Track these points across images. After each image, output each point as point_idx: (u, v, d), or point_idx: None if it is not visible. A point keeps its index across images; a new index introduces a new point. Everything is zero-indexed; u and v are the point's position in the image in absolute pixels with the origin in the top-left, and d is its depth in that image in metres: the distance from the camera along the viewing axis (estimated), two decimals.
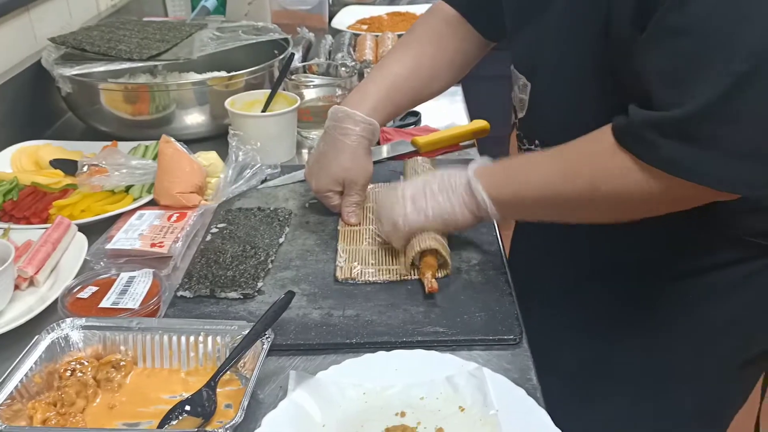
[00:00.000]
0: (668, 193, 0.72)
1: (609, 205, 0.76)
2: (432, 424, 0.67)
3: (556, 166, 0.79)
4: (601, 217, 0.80)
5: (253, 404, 0.71)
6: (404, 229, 0.87)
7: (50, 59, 1.30)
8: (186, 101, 1.27)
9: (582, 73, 0.81)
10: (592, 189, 0.75)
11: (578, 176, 0.76)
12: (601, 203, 0.76)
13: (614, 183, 0.74)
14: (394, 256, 0.92)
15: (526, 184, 0.81)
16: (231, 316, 0.83)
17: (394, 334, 0.79)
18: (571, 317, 0.97)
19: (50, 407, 0.68)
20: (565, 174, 0.78)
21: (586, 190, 0.76)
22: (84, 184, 1.05)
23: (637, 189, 0.72)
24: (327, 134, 0.99)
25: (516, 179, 0.83)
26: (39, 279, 0.88)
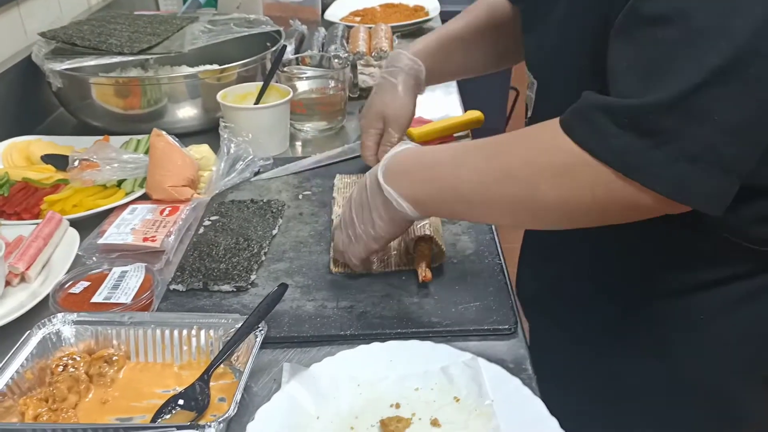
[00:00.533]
0: (612, 195, 0.63)
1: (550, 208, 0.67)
2: (427, 415, 0.67)
3: (492, 162, 0.70)
4: (546, 222, 0.73)
5: (247, 397, 0.70)
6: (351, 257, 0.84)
7: (40, 54, 1.29)
8: (178, 95, 1.26)
9: (581, 71, 0.78)
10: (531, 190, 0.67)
11: (517, 173, 0.68)
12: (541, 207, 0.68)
13: (556, 180, 0.65)
14: (388, 246, 0.92)
15: (453, 183, 0.72)
16: (224, 309, 0.82)
17: (389, 325, 0.78)
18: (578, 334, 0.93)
19: (42, 403, 0.68)
20: (502, 171, 0.69)
21: (524, 191, 0.68)
22: (75, 179, 1.04)
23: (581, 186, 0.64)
24: (379, 77, 1.06)
25: (440, 178, 0.74)
26: (30, 275, 0.87)
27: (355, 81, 1.44)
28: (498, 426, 0.64)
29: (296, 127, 1.31)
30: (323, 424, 0.66)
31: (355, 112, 1.38)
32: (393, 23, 1.85)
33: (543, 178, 0.66)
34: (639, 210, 0.65)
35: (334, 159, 1.19)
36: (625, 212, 0.66)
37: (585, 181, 0.64)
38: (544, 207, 0.68)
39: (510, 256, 0.92)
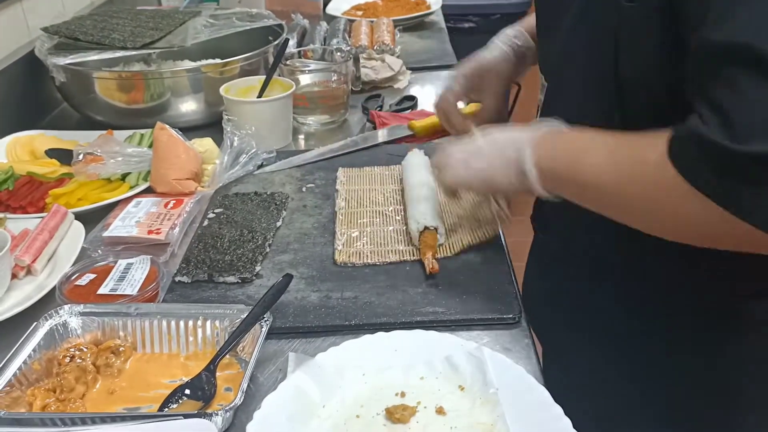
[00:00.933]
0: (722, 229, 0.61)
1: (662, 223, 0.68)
2: (432, 403, 0.67)
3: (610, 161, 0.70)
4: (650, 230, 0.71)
5: (253, 387, 0.71)
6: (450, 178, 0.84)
7: (43, 49, 1.29)
8: (181, 89, 1.26)
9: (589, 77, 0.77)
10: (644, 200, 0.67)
11: (630, 181, 0.68)
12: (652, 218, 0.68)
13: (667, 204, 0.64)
14: (392, 237, 0.92)
15: (576, 167, 0.72)
16: (229, 300, 0.83)
17: (393, 315, 0.78)
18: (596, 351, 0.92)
19: (50, 393, 0.68)
20: (618, 173, 0.69)
21: (637, 198, 0.68)
22: (80, 173, 1.04)
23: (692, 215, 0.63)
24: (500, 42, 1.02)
25: (568, 158, 0.74)
26: (36, 267, 0.88)
27: (357, 74, 1.44)
28: (503, 414, 0.64)
29: (299, 121, 1.31)
30: (329, 413, 0.66)
31: (357, 105, 1.38)
32: (395, 17, 1.85)
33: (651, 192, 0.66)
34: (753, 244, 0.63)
35: (337, 152, 1.19)
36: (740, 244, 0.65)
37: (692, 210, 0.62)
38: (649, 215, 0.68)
39: (515, 251, 0.92)
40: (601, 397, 0.91)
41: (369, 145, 1.21)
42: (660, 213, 0.66)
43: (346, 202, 1.01)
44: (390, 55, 1.58)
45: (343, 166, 1.12)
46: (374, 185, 1.06)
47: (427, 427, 0.64)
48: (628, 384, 0.89)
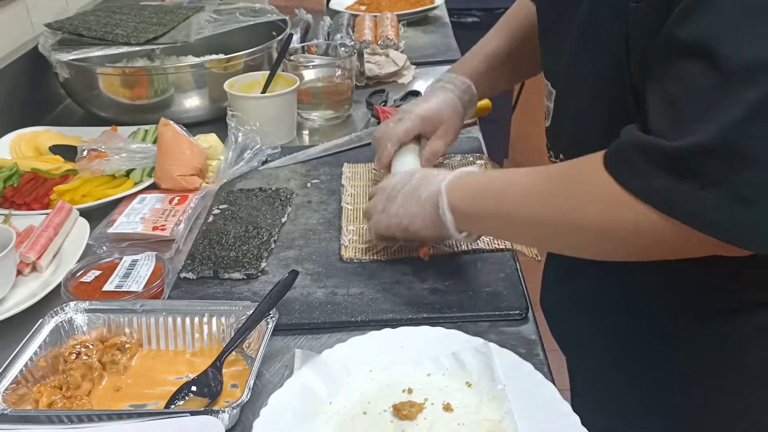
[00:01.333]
0: (660, 234, 0.61)
1: (591, 238, 0.68)
2: (439, 400, 0.67)
3: (537, 186, 0.71)
4: (585, 251, 0.72)
5: (259, 384, 0.71)
6: (372, 227, 0.86)
7: (47, 45, 1.29)
8: (184, 84, 1.26)
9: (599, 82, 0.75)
10: (572, 216, 0.67)
11: (557, 199, 0.68)
12: (582, 235, 0.68)
13: (597, 213, 0.64)
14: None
15: (499, 201, 0.74)
16: (235, 296, 0.82)
17: (399, 311, 0.78)
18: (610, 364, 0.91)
19: (56, 390, 0.68)
20: (545, 195, 0.70)
21: (565, 216, 0.67)
22: (84, 169, 1.04)
23: (623, 224, 0.63)
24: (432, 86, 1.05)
25: (491, 195, 0.75)
26: (41, 264, 0.88)
27: (361, 69, 1.44)
28: (510, 410, 0.64)
29: (303, 116, 1.30)
30: (336, 409, 0.66)
31: (361, 100, 1.38)
32: (399, 11, 1.84)
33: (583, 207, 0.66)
34: (686, 249, 0.63)
35: (342, 147, 1.19)
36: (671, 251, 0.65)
37: (628, 218, 0.62)
38: (581, 234, 0.68)
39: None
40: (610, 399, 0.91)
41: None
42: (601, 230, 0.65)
43: (352, 198, 1.01)
44: (394, 50, 1.58)
45: (349, 162, 1.12)
46: (380, 180, 1.05)
47: (435, 424, 0.64)
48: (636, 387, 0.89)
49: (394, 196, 0.84)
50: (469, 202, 0.76)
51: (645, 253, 0.67)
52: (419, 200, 0.80)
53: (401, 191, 0.83)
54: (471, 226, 0.78)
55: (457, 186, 0.78)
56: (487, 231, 0.79)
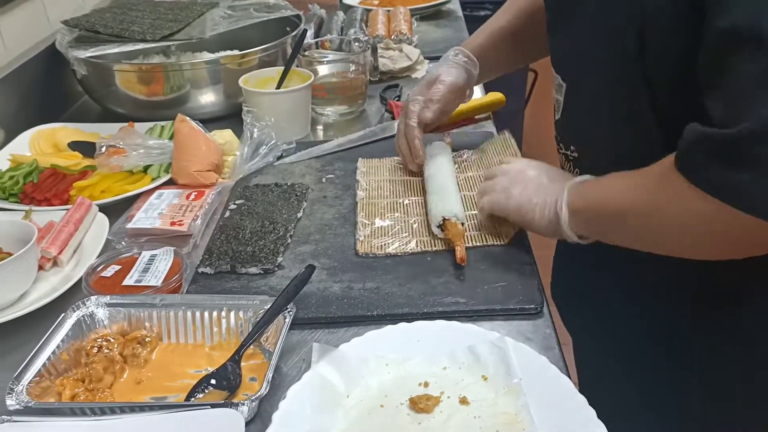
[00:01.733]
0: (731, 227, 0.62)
1: (672, 233, 0.68)
2: (455, 393, 0.67)
3: (629, 188, 0.72)
4: (670, 248, 0.72)
5: (277, 377, 0.72)
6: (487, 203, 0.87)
7: (64, 42, 1.30)
8: (200, 80, 1.27)
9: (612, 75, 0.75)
10: (653, 210, 0.68)
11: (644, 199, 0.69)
12: (663, 230, 0.69)
13: (671, 208, 0.66)
14: (413, 228, 0.92)
15: (601, 203, 0.75)
16: (252, 291, 0.83)
17: (415, 305, 0.79)
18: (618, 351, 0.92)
19: (78, 383, 0.69)
20: (635, 196, 0.70)
21: (647, 210, 0.69)
22: (103, 165, 1.05)
23: (694, 217, 0.64)
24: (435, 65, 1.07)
25: (596, 196, 0.76)
26: (62, 259, 0.89)
27: (375, 64, 1.44)
28: (527, 403, 0.64)
29: (317, 112, 1.31)
30: (353, 402, 0.67)
31: (375, 95, 1.38)
32: (412, 6, 1.84)
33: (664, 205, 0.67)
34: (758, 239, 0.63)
35: (356, 142, 1.19)
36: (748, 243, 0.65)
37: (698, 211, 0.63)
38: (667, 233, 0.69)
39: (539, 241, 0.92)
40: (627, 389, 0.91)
41: (388, 135, 1.21)
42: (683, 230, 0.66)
43: (366, 193, 1.01)
44: (407, 45, 1.58)
45: (363, 157, 1.13)
46: (394, 175, 1.06)
47: (451, 417, 0.65)
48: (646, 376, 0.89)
49: (520, 180, 0.84)
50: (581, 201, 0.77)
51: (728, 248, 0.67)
52: (545, 193, 0.81)
53: (527, 178, 0.84)
54: (579, 224, 0.78)
55: (578, 187, 0.78)
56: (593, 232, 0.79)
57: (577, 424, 0.61)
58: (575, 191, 0.78)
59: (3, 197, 1.03)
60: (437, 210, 0.89)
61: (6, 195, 1.03)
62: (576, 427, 0.61)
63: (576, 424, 0.61)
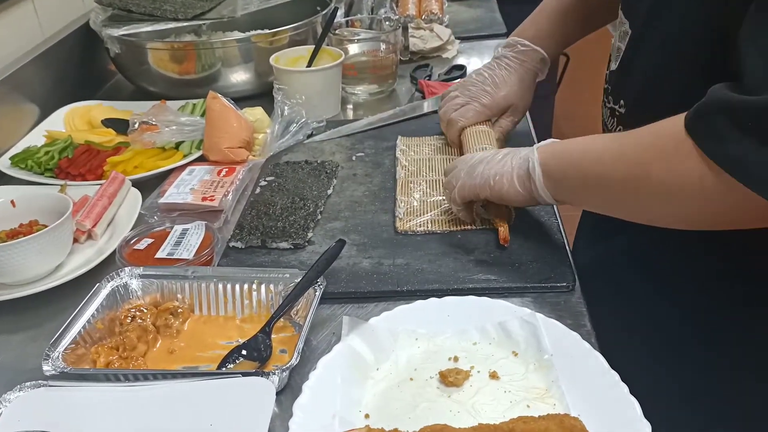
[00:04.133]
0: (727, 200, 0.59)
1: (658, 197, 0.64)
2: (485, 368, 0.67)
3: (614, 145, 0.69)
4: (649, 212, 0.69)
5: (307, 350, 0.72)
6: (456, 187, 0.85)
7: (98, 21, 1.32)
8: (231, 59, 1.28)
9: (684, 28, 0.70)
10: (641, 171, 0.64)
11: (632, 151, 0.66)
12: (649, 192, 0.65)
13: (665, 169, 0.62)
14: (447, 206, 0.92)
15: (579, 159, 0.73)
16: (282, 265, 0.84)
17: (445, 281, 0.78)
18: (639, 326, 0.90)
19: (113, 351, 0.70)
20: (621, 149, 0.67)
21: (634, 171, 0.65)
22: (136, 141, 1.06)
23: (693, 180, 0.60)
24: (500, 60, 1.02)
25: (573, 154, 0.74)
26: (97, 232, 0.90)
27: (405, 44, 1.43)
28: (557, 378, 0.64)
29: (348, 91, 1.31)
30: (383, 375, 0.67)
31: (406, 75, 1.37)
32: None
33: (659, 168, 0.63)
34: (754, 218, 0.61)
35: (386, 121, 1.19)
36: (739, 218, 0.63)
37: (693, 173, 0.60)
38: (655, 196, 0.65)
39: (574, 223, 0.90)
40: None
41: (418, 114, 1.20)
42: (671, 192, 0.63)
43: (405, 170, 1.01)
44: (438, 25, 1.56)
45: (402, 135, 1.12)
46: (435, 154, 1.06)
47: (481, 391, 0.64)
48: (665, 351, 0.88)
49: (480, 160, 0.83)
50: (555, 163, 0.75)
51: (720, 220, 0.65)
52: (507, 164, 0.80)
53: (487, 157, 0.83)
54: (555, 189, 0.76)
55: (547, 149, 0.77)
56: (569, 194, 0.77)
57: (609, 401, 0.61)
58: (546, 152, 0.76)
59: (39, 172, 1.04)
60: None
61: (42, 170, 1.04)
62: (608, 403, 0.61)
63: (608, 401, 0.61)
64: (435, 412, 0.63)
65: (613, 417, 0.59)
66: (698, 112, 0.60)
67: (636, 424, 0.58)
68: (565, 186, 0.75)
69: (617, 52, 0.83)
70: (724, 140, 0.57)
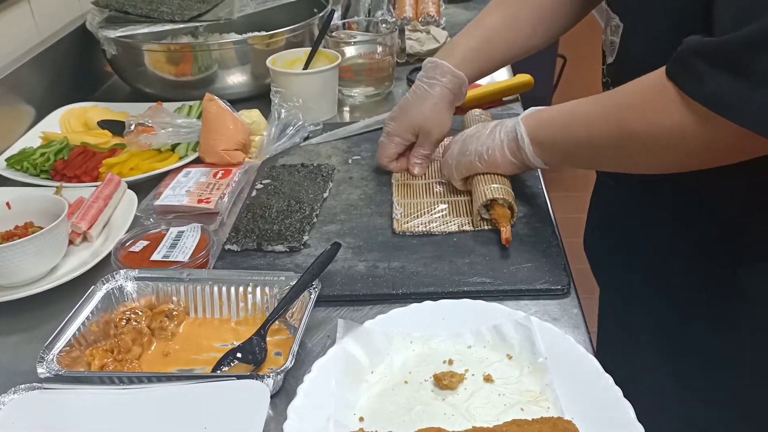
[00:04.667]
0: (708, 135, 0.63)
1: (640, 143, 0.69)
2: (480, 371, 0.67)
3: (599, 104, 0.74)
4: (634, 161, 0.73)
5: (302, 352, 0.72)
6: (453, 165, 0.91)
7: (94, 22, 1.31)
8: (228, 61, 1.27)
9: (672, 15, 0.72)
10: (626, 123, 0.69)
11: (616, 110, 0.71)
12: (632, 140, 0.69)
13: (649, 116, 0.66)
14: (451, 208, 0.92)
15: (566, 124, 0.78)
16: (278, 268, 0.84)
17: (440, 284, 0.79)
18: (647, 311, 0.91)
19: (107, 354, 0.70)
20: (605, 110, 0.73)
21: (620, 124, 0.70)
22: (132, 143, 1.06)
23: (673, 125, 0.64)
24: (416, 84, 1.00)
25: (559, 120, 0.80)
26: (92, 234, 0.90)
27: (402, 46, 1.43)
28: (551, 382, 0.64)
29: (344, 93, 1.31)
30: (377, 378, 0.67)
31: (402, 77, 1.37)
32: None
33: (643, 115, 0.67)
34: (735, 151, 0.65)
35: (383, 124, 1.18)
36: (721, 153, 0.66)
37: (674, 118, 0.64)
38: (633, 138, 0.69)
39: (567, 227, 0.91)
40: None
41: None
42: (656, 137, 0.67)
43: (401, 174, 1.01)
44: (435, 27, 1.56)
45: None
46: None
47: (475, 394, 0.65)
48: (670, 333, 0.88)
49: (470, 136, 0.90)
50: (542, 129, 0.82)
51: (695, 158, 0.68)
52: (497, 136, 0.87)
53: (476, 132, 0.89)
54: (544, 153, 0.82)
55: (532, 117, 0.83)
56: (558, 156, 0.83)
57: (604, 403, 0.61)
58: (531, 121, 0.83)
59: (34, 173, 1.04)
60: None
61: (37, 171, 1.04)
62: (602, 405, 0.61)
63: (602, 403, 0.61)
64: (429, 415, 0.63)
65: (606, 420, 0.60)
66: (676, 58, 0.64)
67: (629, 427, 0.59)
68: (555, 151, 0.82)
69: (611, 46, 0.84)
70: (701, 79, 0.61)
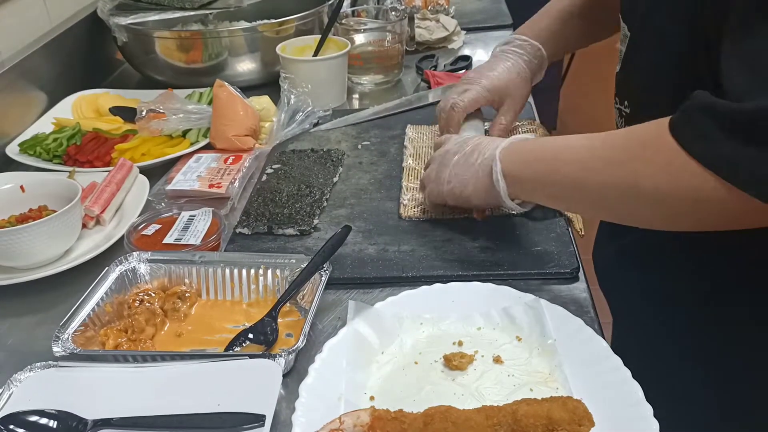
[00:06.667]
0: (722, 203, 0.59)
1: (651, 205, 0.65)
2: (489, 352, 0.68)
3: (595, 151, 0.69)
4: (643, 219, 0.70)
5: (312, 334, 0.73)
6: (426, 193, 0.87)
7: (105, 10, 1.32)
8: (238, 48, 1.28)
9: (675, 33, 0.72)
10: (631, 181, 0.64)
11: (616, 163, 0.66)
12: (641, 201, 0.65)
13: (658, 178, 0.62)
14: None
15: (554, 167, 0.72)
16: (288, 251, 0.84)
17: (450, 267, 0.79)
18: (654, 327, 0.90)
19: (121, 334, 0.71)
20: (604, 159, 0.67)
21: (624, 181, 0.65)
22: (143, 129, 1.07)
23: (684, 190, 0.61)
24: (499, 52, 1.01)
25: (545, 161, 0.74)
26: (105, 218, 0.91)
27: (411, 34, 1.43)
28: (561, 363, 0.64)
29: (353, 81, 1.31)
30: (387, 358, 0.68)
31: (411, 65, 1.38)
32: None
33: (645, 171, 0.63)
34: (748, 219, 0.62)
35: (392, 111, 1.19)
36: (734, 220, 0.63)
37: (690, 185, 0.60)
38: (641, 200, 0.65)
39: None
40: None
41: (423, 104, 1.21)
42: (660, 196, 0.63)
43: (413, 159, 1.02)
44: (444, 15, 1.56)
45: (410, 123, 1.13)
46: None
47: (485, 374, 0.65)
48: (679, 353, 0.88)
49: (447, 163, 0.84)
50: (523, 167, 0.76)
51: (707, 222, 0.65)
52: (472, 166, 0.80)
53: (453, 158, 0.83)
54: (524, 193, 0.78)
55: (512, 151, 0.77)
56: (541, 198, 0.78)
57: (613, 384, 0.61)
58: (511, 156, 0.76)
59: (47, 158, 1.05)
60: None
61: (50, 156, 1.05)
62: (611, 386, 0.61)
63: (611, 384, 0.61)
64: (439, 394, 0.63)
65: (615, 400, 0.60)
66: (683, 115, 0.61)
67: (638, 407, 0.59)
68: (536, 194, 0.77)
69: (619, 55, 0.84)
70: (711, 141, 0.58)
